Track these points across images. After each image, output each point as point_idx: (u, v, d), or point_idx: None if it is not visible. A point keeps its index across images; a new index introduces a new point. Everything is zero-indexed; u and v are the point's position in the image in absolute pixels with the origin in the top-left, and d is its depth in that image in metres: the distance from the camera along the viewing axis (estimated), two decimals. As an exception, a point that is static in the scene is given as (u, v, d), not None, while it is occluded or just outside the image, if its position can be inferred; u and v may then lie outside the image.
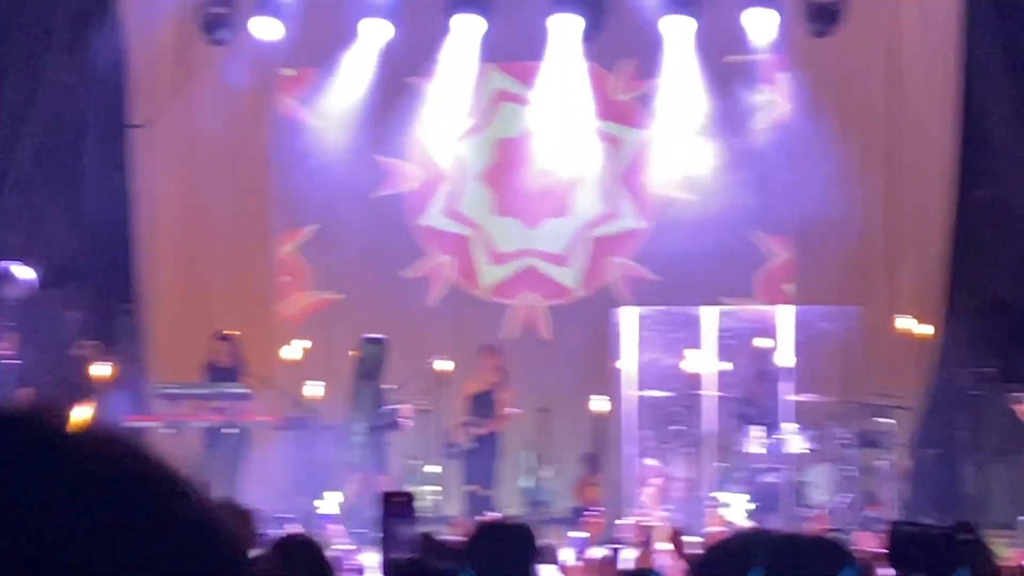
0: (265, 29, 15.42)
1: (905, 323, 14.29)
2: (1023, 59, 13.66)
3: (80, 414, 13.08)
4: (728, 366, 13.96)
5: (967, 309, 14.85)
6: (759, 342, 14.22)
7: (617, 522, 12.78)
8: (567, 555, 9.42)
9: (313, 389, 14.09)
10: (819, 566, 3.81)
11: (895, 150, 15.20)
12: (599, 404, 14.20)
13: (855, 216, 15.16)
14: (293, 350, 14.13)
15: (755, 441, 13.70)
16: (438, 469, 14.08)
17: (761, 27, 14.97)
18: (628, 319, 14.17)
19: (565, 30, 15.35)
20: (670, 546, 8.80)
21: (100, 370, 14.03)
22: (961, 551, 3.80)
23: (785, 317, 13.85)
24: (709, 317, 13.95)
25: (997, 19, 13.69)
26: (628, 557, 8.79)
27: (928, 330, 14.54)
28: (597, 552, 9.13)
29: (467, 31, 15.50)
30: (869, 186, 15.20)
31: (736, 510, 12.84)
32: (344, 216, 15.77)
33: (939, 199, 15.04)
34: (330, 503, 13.77)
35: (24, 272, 13.82)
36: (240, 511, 6.23)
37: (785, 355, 13.57)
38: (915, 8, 15.17)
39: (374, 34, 15.49)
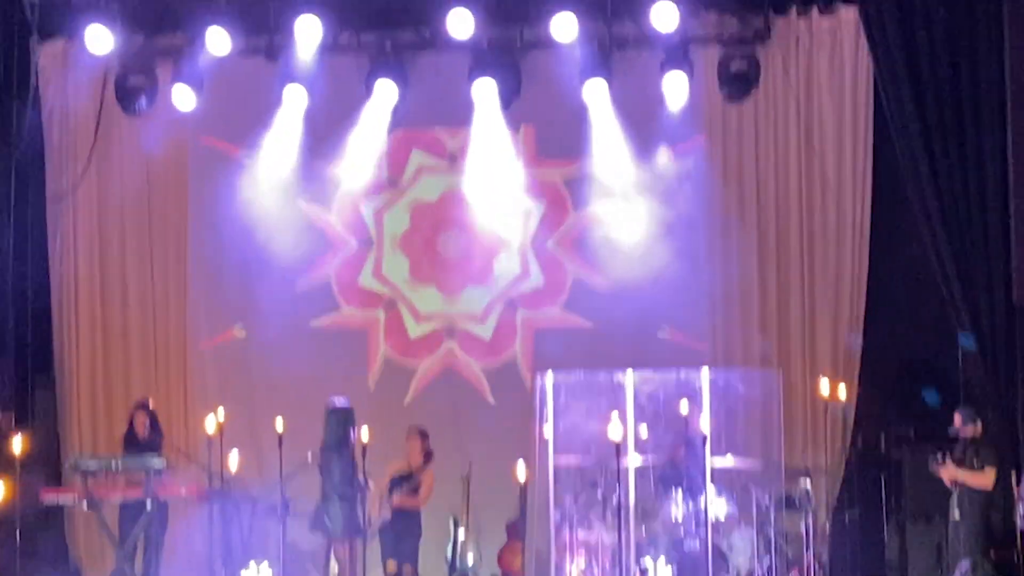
0: (184, 99, 15.41)
1: (823, 385, 14.36)
2: (936, 119, 13.79)
3: (-4, 488, 12.97)
4: (646, 431, 13.95)
5: (884, 370, 14.94)
6: (679, 406, 14.25)
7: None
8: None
9: (233, 460, 14.02)
10: None
11: (811, 212, 15.27)
12: (521, 471, 14.17)
13: (772, 279, 15.30)
14: (211, 421, 14.02)
15: (676, 506, 13.72)
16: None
17: (676, 91, 15.02)
18: (548, 384, 14.14)
19: (484, 96, 15.39)
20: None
21: (16, 443, 13.90)
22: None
23: (704, 381, 13.86)
24: (628, 381, 13.92)
25: (909, 80, 13.84)
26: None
27: (845, 392, 14.62)
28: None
29: (385, 97, 15.55)
30: (785, 248, 15.31)
31: (660, 576, 12.89)
32: (267, 288, 15.79)
33: (854, 260, 15.13)
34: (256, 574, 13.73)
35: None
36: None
37: (705, 419, 13.59)
38: (827, 73, 15.26)
39: (296, 100, 15.50)
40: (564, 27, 14.52)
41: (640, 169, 15.54)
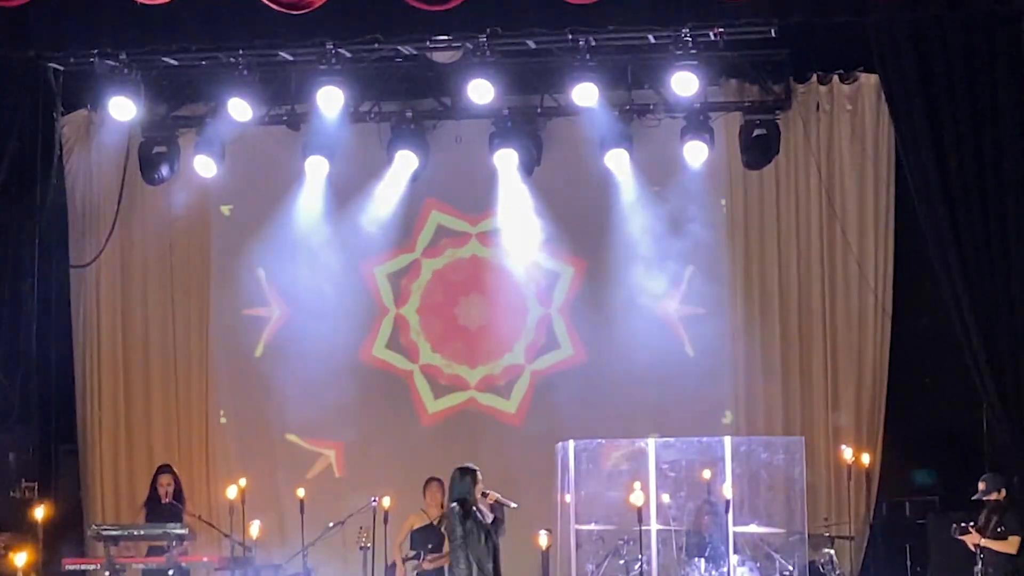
0: (205, 167, 15.52)
1: (847, 453, 14.34)
2: (959, 186, 13.80)
3: (20, 557, 12.99)
4: (669, 499, 13.94)
5: (909, 437, 14.92)
6: (702, 474, 14.24)
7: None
8: None
9: (255, 529, 14.04)
10: None
11: (833, 280, 15.29)
12: (543, 537, 14.15)
13: (795, 347, 15.30)
14: (233, 489, 14.06)
15: (701, 574, 13.69)
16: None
17: (697, 158, 15.07)
18: (569, 451, 14.14)
19: (505, 163, 15.44)
20: None
21: (38, 511, 13.93)
22: None
23: (727, 448, 13.85)
24: (651, 449, 13.92)
25: (931, 146, 13.85)
26: None
27: (869, 459, 14.60)
28: None
29: (405, 164, 15.62)
30: (808, 318, 15.33)
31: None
32: (284, 348, 15.87)
33: (876, 328, 15.15)
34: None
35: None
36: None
37: (728, 486, 13.57)
38: (848, 140, 15.32)
39: (317, 169, 15.58)
40: (585, 95, 14.57)
41: (662, 236, 15.58)
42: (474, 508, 12.10)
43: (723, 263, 15.57)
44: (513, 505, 12.59)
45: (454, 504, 12.07)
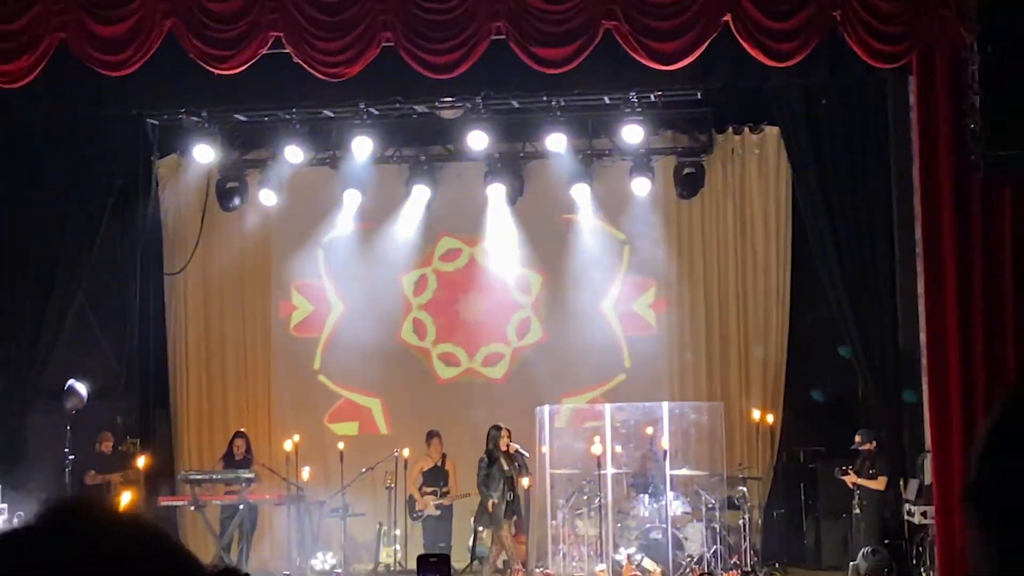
0: (268, 198, 15.59)
1: (755, 414, 14.43)
2: (838, 210, 13.83)
3: (126, 496, 13.08)
4: (621, 449, 14.02)
5: (802, 402, 15.01)
6: (646, 430, 14.32)
7: (537, 570, 12.88)
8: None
9: (305, 473, 14.11)
10: None
11: (745, 281, 15.37)
12: (525, 480, 14.22)
13: (716, 331, 15.39)
14: (289, 444, 14.15)
15: (644, 506, 13.78)
16: (397, 531, 14.10)
17: (641, 191, 15.13)
18: (545, 414, 14.22)
19: (495, 196, 15.49)
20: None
21: (141, 462, 14.01)
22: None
23: (664, 411, 13.93)
24: (607, 412, 13.99)
25: (818, 182, 13.90)
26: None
27: (772, 419, 14.69)
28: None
29: (420, 197, 15.69)
30: (725, 309, 15.42)
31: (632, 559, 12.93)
32: (337, 336, 15.90)
33: (778, 317, 15.24)
34: (323, 562, 13.77)
35: (82, 388, 13.79)
36: None
37: (665, 440, 13.64)
38: (756, 176, 15.38)
39: (352, 200, 15.62)
40: (556, 143, 14.64)
41: (612, 250, 15.65)
42: (499, 458, 12.61)
43: (661, 270, 15.62)
44: (526, 454, 12.90)
45: (483, 456, 12.60)
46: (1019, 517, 1.07)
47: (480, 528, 14.14)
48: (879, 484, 12.91)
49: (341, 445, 14.46)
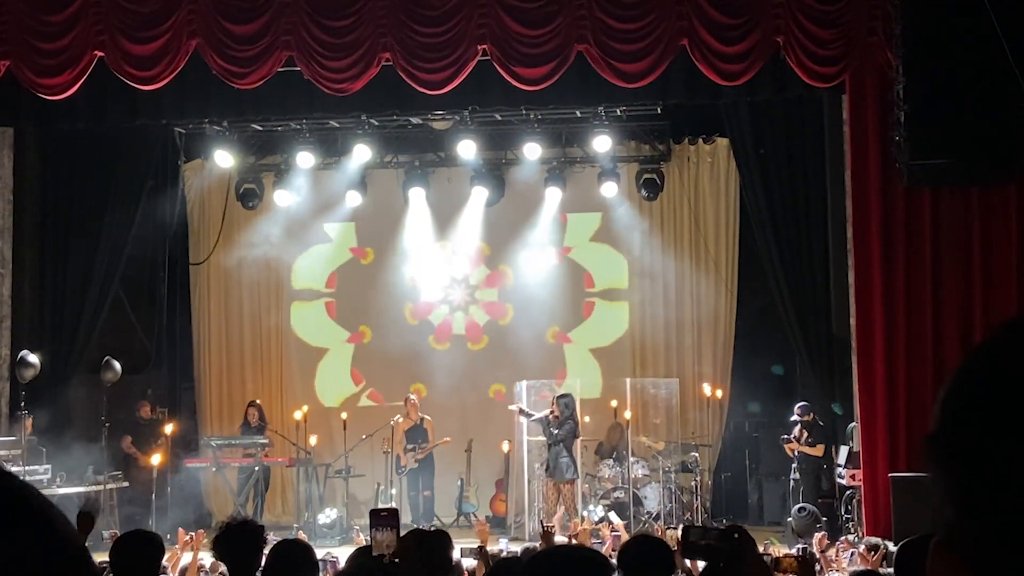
0: (283, 198, 15.54)
1: (707, 389, 14.47)
2: (780, 211, 13.83)
3: (155, 458, 13.06)
4: (588, 420, 14.02)
5: (747, 379, 15.05)
6: (611, 403, 14.35)
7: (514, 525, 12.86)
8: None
9: (313, 440, 14.11)
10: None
11: (696, 273, 15.36)
12: (505, 445, 14.26)
13: (672, 318, 15.40)
14: (299, 414, 14.14)
15: (608, 469, 13.81)
16: (394, 491, 14.08)
17: (608, 192, 15.11)
18: (523, 388, 14.20)
19: (479, 197, 15.46)
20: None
21: (168, 428, 13.99)
22: (733, 543, 3.51)
23: (628, 386, 13.95)
24: (576, 387, 13.94)
25: (762, 185, 13.88)
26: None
27: (721, 394, 14.74)
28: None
29: (415, 198, 15.66)
30: (680, 297, 15.43)
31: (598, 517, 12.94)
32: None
33: (727, 305, 15.27)
34: (328, 516, 13.76)
35: (117, 364, 13.78)
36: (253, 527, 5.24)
37: (628, 412, 13.68)
38: (708, 181, 15.39)
39: (353, 201, 15.54)
40: (533, 151, 14.64)
41: (581, 245, 15.64)
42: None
43: (625, 264, 15.63)
44: (535, 414, 12.85)
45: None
46: (980, 456, 1.00)
47: (465, 490, 14.21)
48: (817, 451, 12.94)
49: (344, 415, 14.46)
